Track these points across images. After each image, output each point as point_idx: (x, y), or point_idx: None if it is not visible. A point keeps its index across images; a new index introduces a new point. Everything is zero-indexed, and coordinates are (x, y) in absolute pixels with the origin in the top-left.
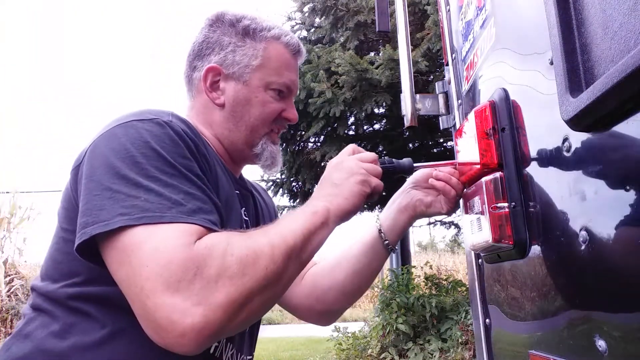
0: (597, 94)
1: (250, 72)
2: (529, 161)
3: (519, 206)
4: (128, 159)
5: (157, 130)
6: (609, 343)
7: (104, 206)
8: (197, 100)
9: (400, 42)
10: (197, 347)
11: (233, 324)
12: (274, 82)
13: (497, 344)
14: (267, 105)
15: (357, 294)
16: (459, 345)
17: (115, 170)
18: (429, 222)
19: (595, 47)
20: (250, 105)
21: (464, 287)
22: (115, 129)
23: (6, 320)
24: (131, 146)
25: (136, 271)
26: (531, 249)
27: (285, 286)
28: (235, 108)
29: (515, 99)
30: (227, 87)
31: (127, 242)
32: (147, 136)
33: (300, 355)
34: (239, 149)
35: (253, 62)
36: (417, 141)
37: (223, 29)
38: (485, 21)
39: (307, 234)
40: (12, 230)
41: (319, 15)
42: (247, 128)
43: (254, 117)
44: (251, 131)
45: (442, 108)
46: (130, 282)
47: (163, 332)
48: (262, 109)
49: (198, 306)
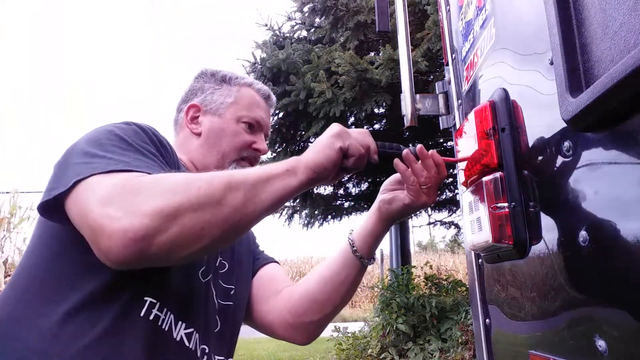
0: (597, 94)
1: (225, 107)
2: (529, 161)
3: (519, 206)
4: (93, 141)
5: (124, 125)
6: (609, 343)
7: (65, 174)
8: (180, 135)
9: (400, 42)
10: (124, 250)
11: (163, 235)
12: (244, 115)
13: (497, 344)
14: (238, 136)
15: (328, 304)
16: (459, 345)
17: (81, 150)
18: (429, 222)
19: (595, 47)
20: (223, 134)
21: (464, 287)
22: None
23: None
24: (98, 134)
25: (85, 204)
26: (531, 249)
27: (226, 219)
28: (210, 136)
29: (515, 99)
30: (204, 120)
31: (80, 189)
32: (114, 128)
33: (300, 355)
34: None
35: (227, 99)
36: (417, 141)
37: (205, 79)
38: (485, 21)
39: (263, 176)
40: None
41: (319, 15)
42: (218, 153)
43: (226, 144)
44: (222, 156)
45: (442, 108)
46: (81, 216)
47: (97, 238)
48: (232, 138)
49: (126, 214)
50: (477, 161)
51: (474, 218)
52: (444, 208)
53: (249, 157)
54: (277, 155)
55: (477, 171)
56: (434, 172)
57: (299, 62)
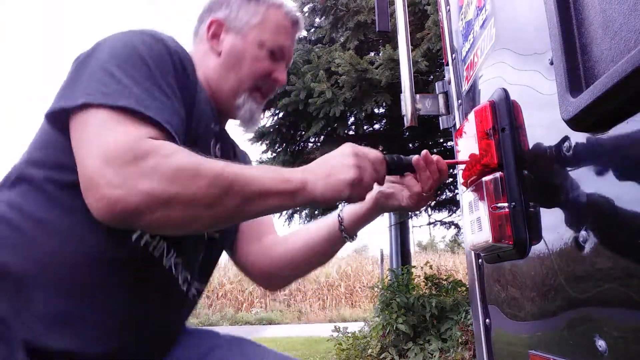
0: (597, 94)
1: (249, 28)
2: (529, 161)
3: (519, 206)
4: (115, 56)
5: (151, 42)
6: (609, 343)
7: (76, 86)
8: (199, 48)
9: (400, 42)
10: (110, 217)
11: (148, 217)
12: (268, 40)
13: (497, 344)
14: (258, 62)
15: (304, 266)
16: (459, 345)
17: (101, 62)
18: (429, 222)
19: (595, 47)
20: (242, 58)
21: (464, 287)
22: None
23: None
24: (123, 48)
25: (89, 145)
26: (531, 249)
27: (215, 217)
28: (229, 58)
29: (515, 99)
30: (226, 39)
31: (88, 118)
32: (141, 46)
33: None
34: (224, 96)
35: (253, 19)
36: (417, 141)
37: None
38: (485, 21)
39: (263, 190)
40: None
41: (319, 15)
42: (235, 78)
43: (244, 70)
44: (238, 82)
45: (442, 108)
46: (80, 153)
47: (88, 190)
48: (252, 64)
49: (122, 184)
50: (477, 161)
51: (474, 218)
52: (444, 208)
53: (265, 88)
54: (277, 155)
55: (477, 171)
56: (437, 177)
57: (299, 62)
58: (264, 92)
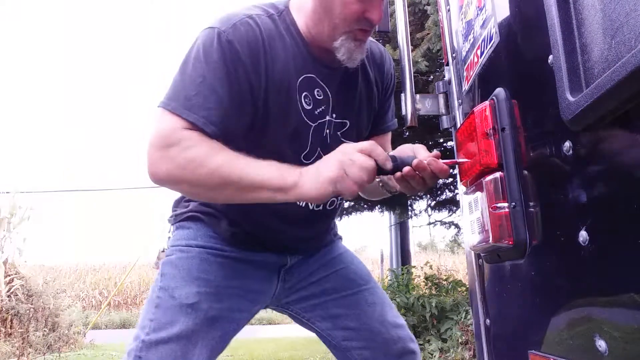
0: (597, 94)
1: None
2: (529, 161)
3: (519, 206)
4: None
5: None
6: (609, 343)
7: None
8: None
9: (400, 42)
10: (152, 179)
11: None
12: None
13: (497, 344)
14: (347, 6)
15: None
16: (459, 345)
17: (178, 67)
18: (429, 222)
19: (595, 47)
20: (332, 5)
21: (464, 287)
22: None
23: (6, 320)
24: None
25: (151, 129)
26: (531, 249)
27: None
28: (320, 5)
29: (515, 99)
30: None
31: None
32: (199, 52)
33: (300, 356)
34: (322, 39)
35: None
36: (417, 141)
37: None
38: (485, 21)
39: (256, 183)
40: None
41: None
42: (328, 25)
43: (335, 16)
44: (332, 28)
45: (442, 108)
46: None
47: (146, 155)
48: (342, 9)
49: (156, 162)
50: (477, 161)
51: (474, 218)
52: (444, 208)
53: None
54: None
55: (477, 171)
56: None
57: None
58: (362, 31)
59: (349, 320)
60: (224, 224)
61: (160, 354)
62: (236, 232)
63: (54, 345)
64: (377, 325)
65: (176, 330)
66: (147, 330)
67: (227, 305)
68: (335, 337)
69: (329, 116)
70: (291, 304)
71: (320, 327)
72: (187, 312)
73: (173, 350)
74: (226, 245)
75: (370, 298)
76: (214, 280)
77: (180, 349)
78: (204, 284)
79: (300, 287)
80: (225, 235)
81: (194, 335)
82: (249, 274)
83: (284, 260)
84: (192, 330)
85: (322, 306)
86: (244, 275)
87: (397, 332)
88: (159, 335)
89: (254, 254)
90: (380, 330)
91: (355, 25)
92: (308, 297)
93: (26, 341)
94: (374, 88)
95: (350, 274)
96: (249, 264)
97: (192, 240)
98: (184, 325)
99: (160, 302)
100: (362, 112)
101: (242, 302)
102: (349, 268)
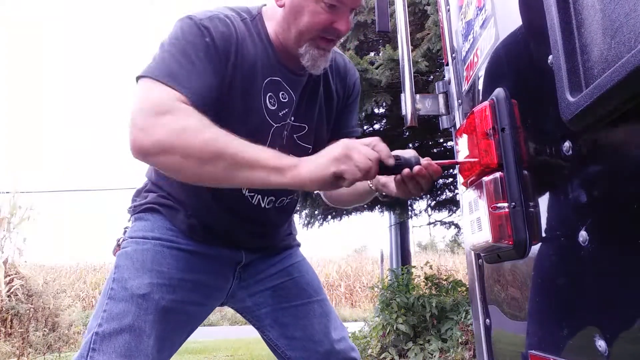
0: (597, 94)
1: None
2: (529, 161)
3: (519, 206)
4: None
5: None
6: (609, 343)
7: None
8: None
9: (400, 42)
10: (133, 153)
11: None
12: None
13: (497, 344)
14: (316, 16)
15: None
16: (459, 345)
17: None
18: (429, 222)
19: (595, 47)
20: (301, 14)
21: (464, 287)
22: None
23: (6, 320)
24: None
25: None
26: (531, 249)
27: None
28: (290, 12)
29: (515, 99)
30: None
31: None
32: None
33: None
34: (289, 45)
35: None
36: (417, 141)
37: None
38: (485, 21)
39: (252, 160)
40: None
41: None
42: (295, 32)
43: (303, 24)
44: (299, 35)
45: (442, 108)
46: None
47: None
48: (310, 18)
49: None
50: (476, 161)
51: (474, 218)
52: (444, 208)
53: (328, 36)
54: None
55: (477, 171)
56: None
57: None
58: (328, 40)
59: (296, 330)
60: (181, 216)
61: (113, 345)
62: (192, 224)
63: (54, 345)
64: (321, 337)
65: (128, 321)
66: (99, 321)
67: (179, 297)
68: (280, 345)
69: (289, 119)
70: (246, 309)
71: (270, 335)
72: (139, 303)
73: (126, 342)
74: (182, 237)
75: (319, 310)
76: (167, 272)
77: (133, 340)
78: (156, 276)
79: (257, 291)
80: (181, 227)
81: (147, 326)
82: (204, 268)
83: (239, 256)
84: (144, 321)
85: (273, 314)
86: (199, 269)
87: (339, 345)
88: (111, 326)
89: (209, 248)
90: (323, 342)
91: (323, 33)
92: (261, 304)
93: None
94: (334, 96)
95: (303, 284)
96: (204, 257)
97: (149, 232)
98: (136, 315)
99: (114, 294)
100: (322, 119)
101: (195, 295)
102: (303, 277)
